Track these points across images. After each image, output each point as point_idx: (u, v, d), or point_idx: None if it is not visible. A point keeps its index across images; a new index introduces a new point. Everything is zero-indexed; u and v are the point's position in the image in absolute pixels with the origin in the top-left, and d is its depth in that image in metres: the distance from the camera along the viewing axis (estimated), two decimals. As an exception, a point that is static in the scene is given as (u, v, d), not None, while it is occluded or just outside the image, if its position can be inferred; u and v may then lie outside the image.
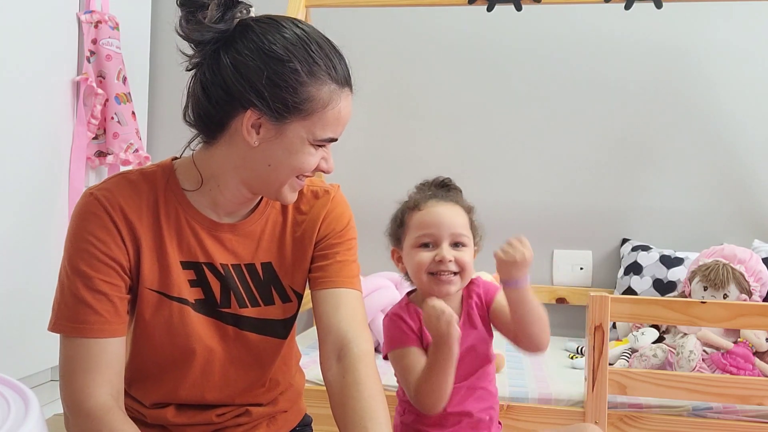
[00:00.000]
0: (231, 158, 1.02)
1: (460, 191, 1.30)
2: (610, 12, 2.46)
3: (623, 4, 2.09)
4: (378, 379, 1.04)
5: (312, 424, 1.26)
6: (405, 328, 1.18)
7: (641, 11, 2.25)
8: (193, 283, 1.05)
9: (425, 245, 1.20)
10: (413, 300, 1.25)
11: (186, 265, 1.05)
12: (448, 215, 1.21)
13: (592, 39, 2.60)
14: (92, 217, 1.00)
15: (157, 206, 1.04)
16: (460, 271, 1.19)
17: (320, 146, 1.03)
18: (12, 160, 2.07)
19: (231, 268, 1.08)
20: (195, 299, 1.06)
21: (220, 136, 1.02)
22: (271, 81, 0.97)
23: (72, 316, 0.99)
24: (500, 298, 1.25)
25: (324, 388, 1.07)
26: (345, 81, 1.03)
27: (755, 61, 2.51)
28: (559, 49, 2.62)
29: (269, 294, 1.11)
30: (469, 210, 1.26)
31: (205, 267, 1.06)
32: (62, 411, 1.01)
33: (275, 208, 1.12)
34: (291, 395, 1.20)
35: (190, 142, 1.07)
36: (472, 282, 1.28)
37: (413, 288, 1.28)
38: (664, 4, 2.08)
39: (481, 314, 1.25)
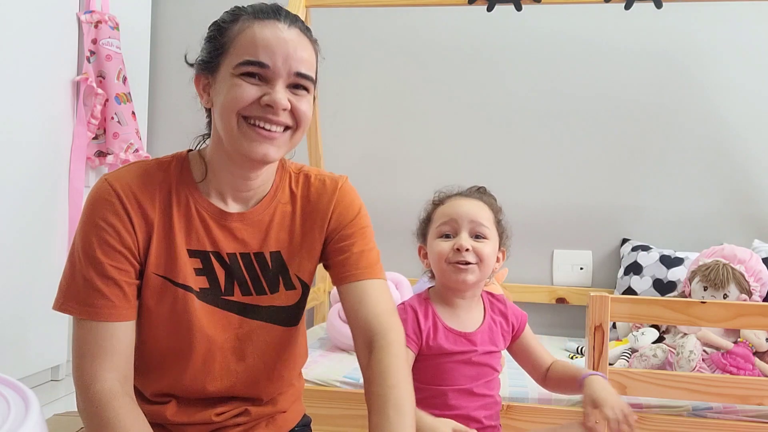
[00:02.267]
0: (212, 136, 1.08)
1: (494, 198, 1.34)
2: (610, 12, 2.46)
3: (623, 4, 2.09)
4: (404, 367, 1.05)
5: (311, 425, 1.26)
6: (410, 329, 1.21)
7: (642, 11, 2.25)
8: (198, 272, 1.07)
9: (446, 236, 1.24)
10: (432, 296, 1.28)
11: (193, 253, 1.06)
12: (468, 206, 1.25)
13: (593, 39, 2.60)
14: (104, 203, 1.02)
15: (170, 194, 1.06)
16: (479, 262, 1.22)
17: (248, 76, 1.00)
18: (12, 160, 2.07)
19: (239, 257, 1.09)
20: (200, 288, 1.07)
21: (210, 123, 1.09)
22: (205, 41, 1.06)
23: (81, 299, 1.00)
24: (528, 336, 1.32)
25: (324, 388, 1.07)
26: (266, 13, 1.03)
27: (755, 62, 2.51)
28: (559, 49, 2.62)
29: (276, 282, 1.11)
30: (495, 209, 1.29)
31: (212, 256, 1.07)
32: (62, 411, 1.02)
33: (284, 197, 1.13)
34: (291, 396, 1.20)
35: (203, 136, 1.13)
36: (496, 298, 1.33)
37: (433, 285, 1.31)
38: (664, 4, 2.08)
39: (504, 335, 1.29)
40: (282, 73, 1.01)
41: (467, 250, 1.21)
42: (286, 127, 1.03)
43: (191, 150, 1.12)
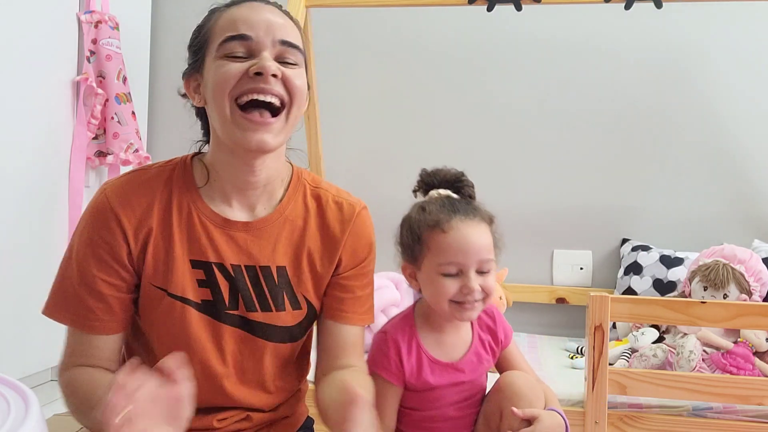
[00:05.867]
0: (211, 136, 1.06)
1: (472, 186, 1.26)
2: (610, 12, 2.46)
3: (623, 4, 2.09)
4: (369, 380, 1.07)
5: (314, 426, 1.26)
6: (393, 365, 1.15)
7: (642, 11, 2.25)
8: (201, 284, 1.04)
9: (450, 273, 1.13)
10: (417, 318, 1.20)
11: (195, 264, 1.03)
12: (475, 240, 1.13)
13: (593, 39, 2.60)
14: (100, 215, 1.01)
15: (170, 202, 1.04)
16: (485, 297, 1.14)
17: (232, 56, 0.98)
18: (12, 160, 2.07)
19: (243, 270, 1.05)
20: (201, 300, 1.04)
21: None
22: (188, 50, 1.05)
23: (67, 307, 1.02)
24: (513, 350, 1.25)
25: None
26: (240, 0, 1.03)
27: (756, 62, 2.51)
28: (559, 49, 2.61)
29: (281, 299, 1.08)
30: (490, 221, 1.19)
31: (215, 267, 1.04)
32: (62, 411, 1.02)
33: (296, 210, 1.10)
34: (294, 401, 1.19)
35: (202, 141, 1.12)
36: (485, 311, 1.24)
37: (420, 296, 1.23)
38: (664, 4, 2.08)
39: (492, 352, 1.23)
40: (266, 42, 0.97)
41: (477, 290, 1.12)
42: (281, 105, 0.98)
43: (197, 154, 1.10)
